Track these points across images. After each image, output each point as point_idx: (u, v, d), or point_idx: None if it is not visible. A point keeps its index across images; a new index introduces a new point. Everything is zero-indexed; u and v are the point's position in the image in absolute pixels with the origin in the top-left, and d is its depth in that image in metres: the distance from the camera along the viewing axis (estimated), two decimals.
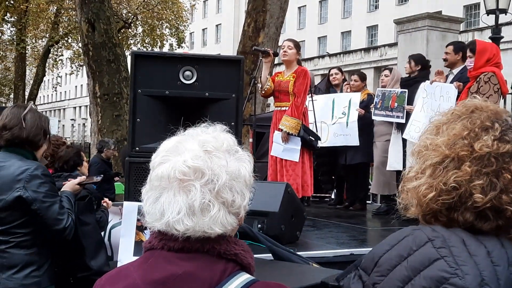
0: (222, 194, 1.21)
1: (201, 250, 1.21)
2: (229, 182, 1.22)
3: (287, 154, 5.71)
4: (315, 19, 48.93)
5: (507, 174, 1.15)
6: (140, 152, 2.85)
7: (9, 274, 2.63)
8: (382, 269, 1.15)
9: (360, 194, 6.97)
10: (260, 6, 10.48)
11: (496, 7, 11.10)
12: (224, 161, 1.23)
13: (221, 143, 1.26)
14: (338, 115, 6.85)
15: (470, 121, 1.21)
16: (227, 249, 1.22)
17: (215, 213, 1.20)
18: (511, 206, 1.14)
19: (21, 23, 23.54)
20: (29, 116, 2.78)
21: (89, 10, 11.91)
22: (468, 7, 36.82)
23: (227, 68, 2.98)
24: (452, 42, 6.27)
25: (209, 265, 1.21)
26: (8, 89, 32.81)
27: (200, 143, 1.25)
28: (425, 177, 1.20)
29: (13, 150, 2.77)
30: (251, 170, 1.27)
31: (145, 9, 25.63)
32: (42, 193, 2.66)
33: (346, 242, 4.67)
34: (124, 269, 1.29)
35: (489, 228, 1.15)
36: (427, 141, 1.23)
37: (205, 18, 60.83)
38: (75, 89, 76.92)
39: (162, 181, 1.22)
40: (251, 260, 1.26)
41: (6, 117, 2.76)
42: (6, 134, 2.74)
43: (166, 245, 1.23)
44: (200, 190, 1.19)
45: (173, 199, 1.20)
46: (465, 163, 1.16)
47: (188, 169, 1.20)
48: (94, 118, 12.24)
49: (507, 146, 1.16)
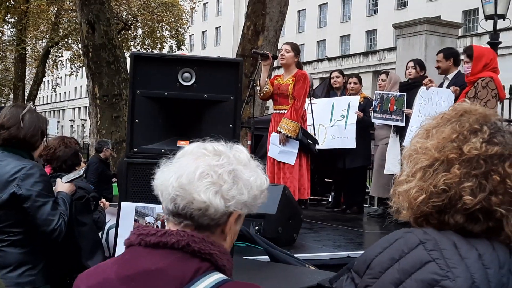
0: (224, 177, 1.26)
1: (176, 247, 1.23)
2: (235, 174, 1.28)
3: (283, 156, 5.72)
4: (315, 23, 49.02)
5: (496, 176, 1.16)
6: (138, 153, 2.85)
7: (3, 272, 2.63)
8: (374, 272, 1.16)
9: (357, 197, 6.98)
10: (259, 9, 10.50)
11: (495, 13, 11.14)
12: (242, 167, 1.31)
13: (250, 161, 1.35)
14: (337, 118, 6.86)
15: (459, 124, 1.22)
16: (201, 247, 1.23)
17: (208, 183, 1.24)
18: (500, 208, 1.15)
19: (22, 23, 23.56)
20: (28, 117, 2.78)
21: (89, 11, 11.92)
22: (466, 13, 36.92)
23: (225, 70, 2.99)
24: (442, 50, 6.32)
25: (183, 262, 1.22)
26: (7, 89, 32.81)
27: (233, 149, 1.35)
28: (416, 180, 1.21)
29: (10, 150, 2.77)
30: (262, 186, 1.33)
31: (145, 11, 25.67)
32: (35, 191, 2.65)
33: (343, 245, 4.68)
34: (103, 265, 1.34)
35: (480, 230, 1.16)
36: (417, 144, 1.25)
37: (205, 21, 60.90)
38: (74, 90, 76.91)
39: (184, 154, 1.32)
40: (226, 262, 1.27)
41: (4, 116, 2.76)
42: (4, 133, 2.73)
43: (143, 240, 1.26)
44: (208, 163, 1.27)
45: (184, 163, 1.28)
46: (454, 165, 1.17)
47: (211, 149, 1.31)
48: (93, 119, 12.25)
49: (495, 148, 1.17)
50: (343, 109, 6.81)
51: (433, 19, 11.16)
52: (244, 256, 3.64)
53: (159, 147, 2.86)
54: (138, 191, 2.75)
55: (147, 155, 2.82)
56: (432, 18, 11.33)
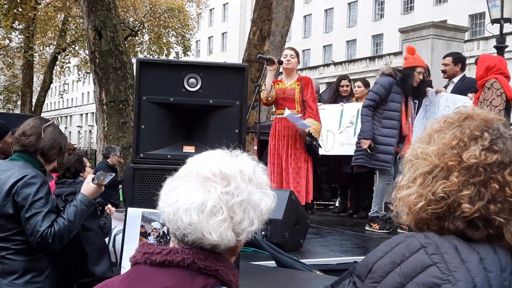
0: (235, 209, 1.24)
1: (181, 265, 1.22)
2: (245, 204, 1.25)
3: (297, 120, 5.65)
4: (321, 27, 49.04)
5: (495, 184, 1.15)
6: (145, 159, 2.86)
7: (10, 279, 2.65)
8: (375, 276, 1.16)
9: (364, 202, 6.97)
10: (265, 14, 10.53)
11: (501, 16, 11.11)
12: (251, 187, 1.27)
13: (255, 174, 1.30)
14: (346, 124, 6.87)
15: (460, 131, 1.21)
16: (207, 265, 1.23)
17: (219, 221, 1.22)
18: (498, 216, 1.14)
19: (29, 30, 23.72)
20: (50, 130, 2.85)
21: (96, 18, 12.00)
22: (473, 16, 36.82)
23: (231, 76, 3.00)
24: (449, 54, 6.32)
25: (189, 280, 1.21)
26: (15, 96, 32.99)
27: (238, 162, 1.30)
28: (415, 187, 1.21)
29: (23, 157, 2.80)
30: (271, 208, 1.31)
31: (152, 17, 25.81)
32: (30, 201, 2.65)
33: (350, 250, 4.67)
34: (110, 283, 1.32)
35: (480, 237, 1.16)
36: (418, 150, 1.24)
37: (211, 27, 61.07)
38: (81, 96, 77.29)
39: (190, 174, 1.27)
40: (232, 277, 1.27)
41: (28, 125, 2.84)
42: (24, 140, 2.79)
43: (148, 259, 1.25)
44: (218, 195, 1.23)
45: (192, 191, 1.24)
46: (453, 173, 1.17)
47: (218, 172, 1.25)
48: (100, 125, 12.30)
49: (495, 156, 1.16)
50: (352, 115, 6.82)
51: (439, 23, 11.13)
52: (251, 261, 3.64)
53: (165, 153, 2.88)
54: (144, 196, 2.76)
55: (153, 160, 2.83)
56: (438, 22, 11.31)
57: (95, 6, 12.00)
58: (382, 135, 5.48)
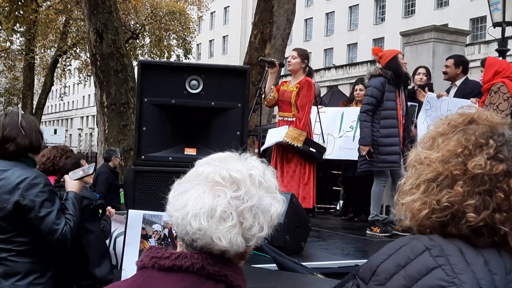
0: (244, 215, 1.22)
1: (191, 270, 1.21)
2: (255, 210, 1.23)
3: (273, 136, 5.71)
4: (322, 31, 49.09)
5: (500, 193, 1.14)
6: (146, 161, 2.86)
7: (12, 281, 2.64)
8: (380, 278, 1.15)
9: (366, 205, 6.95)
10: (267, 18, 10.53)
11: (503, 20, 11.09)
12: (262, 192, 1.25)
13: (265, 178, 1.29)
14: (346, 129, 6.87)
15: (465, 137, 1.19)
16: (216, 270, 1.21)
17: (229, 227, 1.20)
18: (504, 226, 1.13)
19: (30, 33, 23.75)
20: (25, 123, 2.78)
21: (98, 20, 12.01)
22: (474, 20, 36.85)
23: (233, 78, 3.00)
24: (452, 56, 6.30)
25: (198, 286, 1.20)
26: (16, 98, 33.02)
27: (248, 166, 1.28)
28: (419, 193, 1.19)
29: (16, 159, 2.78)
30: (281, 213, 1.29)
31: (153, 20, 25.84)
32: (39, 202, 2.65)
33: (351, 253, 4.66)
34: (116, 287, 1.30)
35: (485, 244, 1.15)
36: (422, 154, 1.22)
37: (212, 30, 61.13)
38: (82, 99, 77.34)
39: (199, 178, 1.25)
40: (241, 282, 1.25)
41: (4, 129, 2.74)
42: (10, 146, 2.73)
43: (156, 263, 1.23)
44: (228, 200, 1.21)
45: (201, 195, 1.22)
46: (458, 182, 1.15)
47: (228, 176, 1.23)
48: (101, 127, 12.30)
49: (501, 166, 1.15)
50: (352, 120, 6.82)
51: (440, 26, 11.13)
52: (252, 264, 3.63)
53: (167, 155, 2.87)
54: (145, 198, 2.76)
55: (155, 162, 2.82)
56: (440, 26, 11.30)
57: (97, 9, 12.01)
58: (384, 136, 5.45)
